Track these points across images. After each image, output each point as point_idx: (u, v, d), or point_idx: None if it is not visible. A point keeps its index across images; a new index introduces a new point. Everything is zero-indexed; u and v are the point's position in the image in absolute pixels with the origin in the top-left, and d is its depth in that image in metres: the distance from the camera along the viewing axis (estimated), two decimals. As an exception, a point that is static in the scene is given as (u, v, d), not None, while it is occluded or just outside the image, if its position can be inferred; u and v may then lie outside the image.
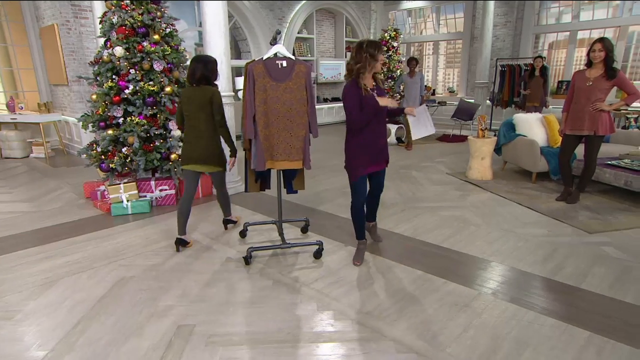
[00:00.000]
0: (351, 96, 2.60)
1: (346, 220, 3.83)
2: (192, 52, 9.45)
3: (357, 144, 2.74)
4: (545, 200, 4.37)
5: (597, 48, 3.79)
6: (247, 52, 9.80)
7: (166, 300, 2.51)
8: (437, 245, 3.26)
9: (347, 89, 2.63)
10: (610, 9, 8.47)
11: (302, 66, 2.67)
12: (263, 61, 2.68)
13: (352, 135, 2.73)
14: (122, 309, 2.41)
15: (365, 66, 2.57)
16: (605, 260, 2.96)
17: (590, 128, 3.97)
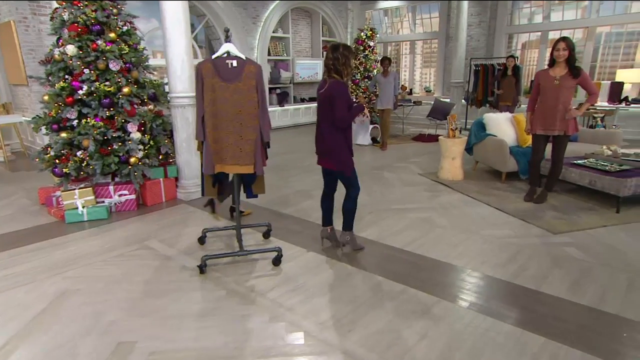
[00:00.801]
0: (345, 95, 2.74)
1: (311, 224, 3.75)
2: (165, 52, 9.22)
3: (347, 141, 2.89)
4: (514, 200, 4.37)
5: (561, 47, 3.79)
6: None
7: (110, 314, 2.37)
8: (401, 249, 3.20)
9: (341, 87, 2.74)
10: (579, 10, 8.61)
11: (252, 66, 2.55)
12: (212, 60, 2.56)
13: (341, 134, 2.83)
14: (58, 327, 2.25)
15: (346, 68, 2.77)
16: (566, 262, 2.95)
17: (561, 128, 3.98)
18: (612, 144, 4.82)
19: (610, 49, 8.48)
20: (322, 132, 2.88)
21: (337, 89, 2.73)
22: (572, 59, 3.84)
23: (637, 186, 3.87)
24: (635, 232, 3.46)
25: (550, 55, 3.93)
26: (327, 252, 3.18)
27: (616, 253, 3.08)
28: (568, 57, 3.83)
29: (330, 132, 2.83)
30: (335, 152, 2.87)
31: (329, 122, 2.81)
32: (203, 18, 9.08)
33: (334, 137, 2.84)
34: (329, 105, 2.76)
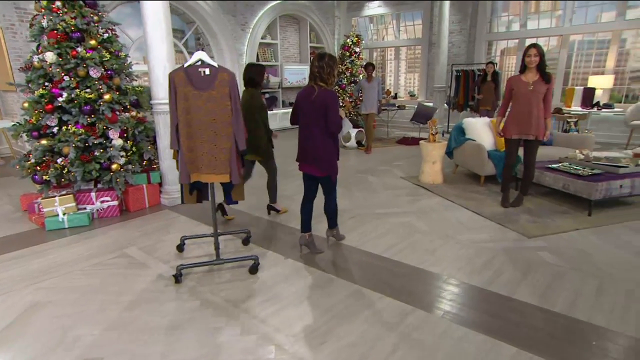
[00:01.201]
0: (337, 103, 2.76)
1: (290, 229, 3.63)
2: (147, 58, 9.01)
3: (336, 146, 2.90)
4: (491, 203, 4.29)
5: (532, 53, 3.73)
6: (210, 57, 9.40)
7: (79, 328, 2.23)
8: (379, 256, 3.09)
9: (334, 96, 2.76)
10: (554, 19, 8.60)
11: (225, 74, 2.42)
12: (184, 69, 2.42)
13: (332, 140, 2.85)
14: (23, 342, 2.11)
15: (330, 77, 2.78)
16: (540, 267, 2.87)
17: (536, 132, 3.92)
18: (584, 148, 4.77)
19: (582, 56, 8.49)
20: (314, 139, 2.82)
21: (332, 98, 2.73)
22: (542, 65, 3.78)
23: (608, 190, 3.82)
24: (605, 235, 3.40)
25: (522, 62, 3.86)
26: (305, 259, 3.06)
27: (587, 257, 3.01)
28: (539, 63, 3.76)
29: (323, 138, 2.81)
30: (326, 157, 2.84)
31: (321, 128, 2.78)
32: (193, 25, 8.89)
33: (326, 142, 2.82)
34: (323, 113, 2.72)
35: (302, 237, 3.16)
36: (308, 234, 3.15)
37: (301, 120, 2.91)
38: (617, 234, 3.44)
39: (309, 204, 3.13)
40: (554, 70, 8.74)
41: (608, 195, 3.84)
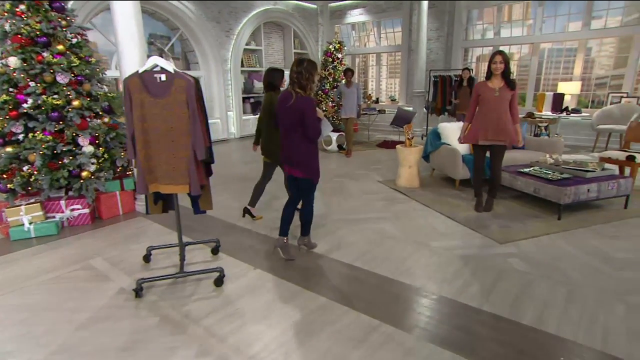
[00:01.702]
0: (315, 110, 2.66)
1: (262, 237, 3.41)
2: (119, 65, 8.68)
3: (317, 150, 2.82)
4: (465, 208, 4.13)
5: (498, 60, 3.58)
6: (195, 63, 9.13)
7: (21, 353, 1.97)
8: (349, 265, 2.89)
9: (312, 103, 2.65)
10: (526, 27, 8.54)
11: (182, 80, 2.19)
12: (139, 74, 2.18)
13: (313, 144, 2.76)
14: (-43, 371, 1.85)
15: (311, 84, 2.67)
16: (510, 274, 2.70)
17: (503, 138, 3.77)
18: (554, 152, 4.66)
19: (552, 63, 8.44)
20: (295, 143, 2.74)
21: (309, 105, 2.63)
22: (507, 72, 3.63)
23: (576, 194, 3.69)
24: (574, 240, 3.26)
25: (488, 68, 3.71)
26: (274, 269, 2.84)
27: (556, 263, 2.86)
28: (504, 70, 3.62)
29: (303, 142, 2.73)
30: (306, 161, 2.78)
31: (300, 133, 2.70)
32: (177, 31, 8.58)
33: (307, 147, 2.75)
34: (300, 119, 2.64)
35: (278, 240, 3.01)
36: (285, 238, 2.99)
37: (280, 125, 2.83)
38: (585, 238, 3.30)
39: (292, 205, 3.02)
40: (525, 77, 8.69)
41: (576, 199, 3.71)
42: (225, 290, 2.56)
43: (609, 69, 7.95)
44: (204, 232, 3.58)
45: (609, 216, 3.80)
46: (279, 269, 2.84)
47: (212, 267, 2.66)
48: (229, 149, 8.29)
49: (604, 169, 4.06)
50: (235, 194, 4.76)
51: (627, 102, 7.17)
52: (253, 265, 2.91)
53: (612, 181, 3.82)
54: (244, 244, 3.29)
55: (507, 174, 4.29)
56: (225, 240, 3.31)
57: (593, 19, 7.58)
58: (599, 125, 7.02)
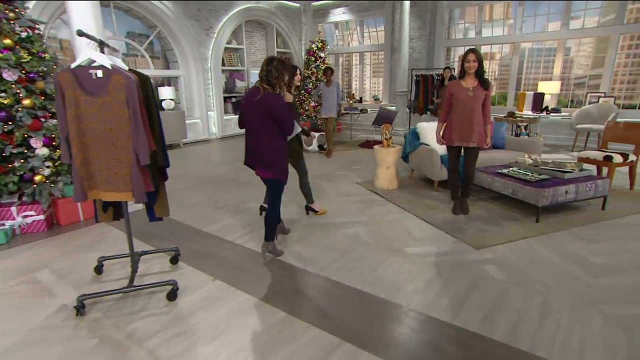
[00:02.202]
0: (285, 105, 2.59)
1: (228, 244, 3.17)
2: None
3: (286, 149, 2.74)
4: (442, 210, 3.96)
5: (471, 58, 3.41)
6: (174, 62, 8.80)
7: None
8: (316, 275, 2.68)
9: (279, 100, 2.56)
10: (507, 27, 8.45)
11: (120, 77, 1.94)
12: (72, 69, 1.93)
13: (282, 143, 2.68)
14: None
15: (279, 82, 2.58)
16: (484, 283, 2.53)
17: (476, 139, 3.61)
18: (533, 153, 4.53)
19: (533, 63, 8.37)
20: (262, 144, 2.63)
21: (275, 101, 2.54)
22: (481, 71, 3.47)
23: (554, 196, 3.55)
24: (551, 244, 3.11)
25: (461, 67, 3.54)
26: (235, 280, 2.61)
27: (533, 269, 2.70)
28: (477, 69, 3.45)
29: (272, 141, 2.63)
30: (277, 161, 2.68)
31: (269, 132, 2.60)
32: (154, 29, 8.24)
33: (276, 146, 2.65)
34: (266, 115, 2.55)
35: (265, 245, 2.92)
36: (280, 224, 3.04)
37: (246, 124, 2.72)
38: (562, 242, 3.16)
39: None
40: (507, 76, 8.61)
41: (554, 201, 3.57)
42: (179, 304, 2.32)
43: (587, 69, 7.92)
44: (167, 239, 3.32)
45: (587, 218, 3.67)
46: (241, 279, 2.62)
47: (165, 280, 2.42)
48: (209, 149, 8.01)
49: (582, 170, 3.93)
50: (208, 197, 4.51)
51: (605, 102, 7.12)
52: (213, 275, 2.67)
53: (590, 182, 3.69)
54: (208, 252, 3.05)
55: (485, 174, 4.14)
56: (189, 247, 3.08)
57: (571, 19, 7.53)
58: (577, 124, 6.96)
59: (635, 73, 7.25)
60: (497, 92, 9.10)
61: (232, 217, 3.84)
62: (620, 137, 4.60)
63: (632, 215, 3.73)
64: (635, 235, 3.25)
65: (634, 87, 7.34)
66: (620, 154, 4.32)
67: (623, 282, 2.51)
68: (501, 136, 5.31)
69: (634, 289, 2.43)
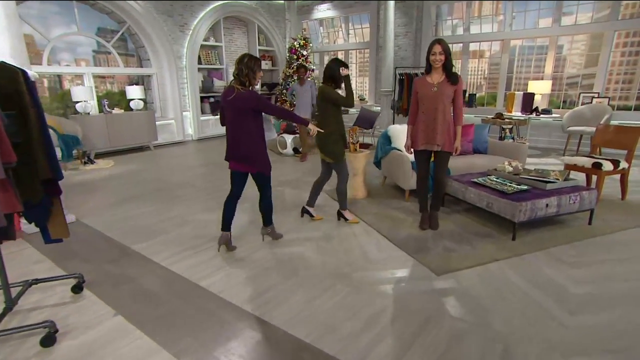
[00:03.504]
0: (261, 98, 2.73)
1: (154, 266, 2.73)
2: (90, 59, 7.92)
3: (265, 144, 2.84)
4: (409, 225, 3.53)
5: (437, 50, 2.98)
6: (147, 59, 8.37)
7: None
8: (238, 308, 2.25)
9: (254, 95, 2.69)
10: (496, 24, 8.02)
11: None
12: None
13: (261, 138, 2.79)
14: None
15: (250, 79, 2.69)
16: (438, 322, 2.09)
17: (442, 142, 3.18)
18: (514, 159, 4.10)
19: (524, 62, 7.95)
20: (240, 138, 2.75)
21: (251, 98, 2.66)
22: (448, 64, 3.04)
23: (533, 210, 3.12)
24: (526, 268, 2.68)
25: (427, 60, 3.11)
26: (140, 315, 2.18)
27: (499, 303, 2.26)
28: (444, 62, 3.02)
29: (250, 137, 2.74)
30: (258, 155, 2.80)
31: (246, 129, 2.72)
32: (123, 24, 7.81)
33: (255, 141, 2.76)
34: (244, 113, 2.68)
35: (223, 236, 2.95)
36: (229, 233, 2.98)
37: (227, 120, 2.82)
38: (539, 265, 2.72)
39: (234, 200, 2.98)
40: (497, 75, 8.18)
41: (533, 216, 3.14)
42: (55, 352, 1.88)
43: (581, 68, 7.49)
44: (86, 259, 2.89)
45: (570, 235, 3.24)
46: (148, 315, 2.18)
47: (40, 322, 1.98)
48: (181, 152, 7.57)
49: (567, 179, 3.50)
50: (157, 207, 4.07)
51: (599, 103, 6.70)
52: (117, 309, 2.24)
53: (574, 194, 3.26)
54: (126, 277, 2.61)
55: (459, 184, 3.71)
56: (106, 270, 2.66)
57: (564, 15, 7.11)
58: (569, 127, 6.54)
59: (631, 72, 6.83)
60: (487, 92, 8.68)
61: (172, 231, 3.41)
62: (611, 142, 4.17)
63: (621, 231, 3.30)
64: (624, 258, 2.82)
65: (630, 87, 6.91)
66: (610, 161, 3.89)
67: (606, 321, 2.08)
68: (484, 140, 4.88)
69: (619, 330, 2.00)
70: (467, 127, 4.79)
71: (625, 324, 2.05)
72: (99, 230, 3.43)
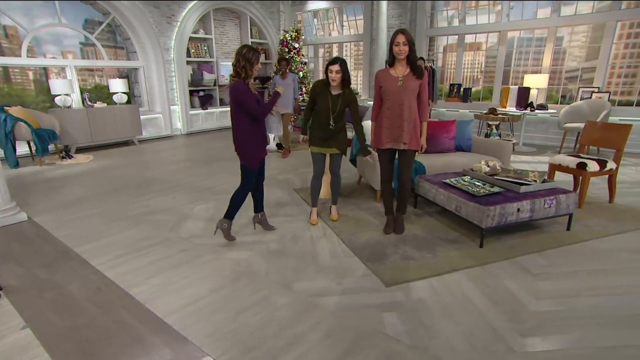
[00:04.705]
0: (246, 93, 2.69)
1: (90, 272, 2.56)
2: (77, 52, 7.79)
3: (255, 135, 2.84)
4: (374, 228, 3.31)
5: (401, 41, 2.73)
6: (133, 52, 8.21)
7: None
8: (161, 320, 2.06)
9: (240, 88, 2.67)
10: (494, 14, 7.64)
11: None
12: None
13: (248, 129, 2.79)
14: None
15: (246, 71, 2.67)
16: (370, 344, 1.88)
17: (408, 140, 2.94)
18: (493, 159, 3.82)
19: (522, 54, 7.56)
20: (233, 129, 2.83)
21: (234, 90, 2.68)
22: (413, 55, 2.79)
23: (502, 215, 2.86)
24: (487, 279, 2.44)
25: (390, 51, 2.86)
26: (48, 328, 2.01)
27: (444, 322, 2.04)
28: (409, 54, 2.77)
29: (237, 129, 2.81)
30: (241, 146, 2.84)
31: (235, 120, 2.78)
32: (108, 16, 7.64)
33: (242, 132, 2.81)
34: (234, 104, 2.73)
35: (254, 217, 3.24)
36: (260, 214, 3.22)
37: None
38: (502, 276, 2.48)
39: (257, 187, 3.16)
40: (494, 68, 7.82)
41: (503, 221, 2.88)
42: (-59, 371, 1.73)
43: (581, 61, 7.10)
44: (20, 262, 2.73)
45: (545, 242, 2.98)
46: (55, 326, 2.01)
47: None
48: (166, 146, 7.43)
49: (545, 181, 3.23)
50: (117, 205, 3.91)
51: (598, 98, 6.34)
52: (29, 320, 2.08)
53: (550, 198, 2.99)
54: (53, 283, 2.45)
55: (430, 184, 3.46)
56: (35, 275, 2.51)
57: (563, 4, 6.71)
58: (565, 123, 6.20)
59: (634, 65, 6.43)
60: (484, 87, 8.33)
61: (122, 232, 3.25)
62: (598, 140, 3.87)
63: (602, 238, 3.03)
64: (599, 269, 2.56)
65: (633, 82, 6.51)
66: (596, 161, 3.60)
67: (559, 345, 1.84)
68: (467, 137, 4.59)
69: (572, 356, 1.76)
70: (449, 124, 4.52)
71: (581, 349, 1.81)
72: (47, 230, 3.28)
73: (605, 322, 2.00)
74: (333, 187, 3.48)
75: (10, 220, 3.38)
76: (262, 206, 3.28)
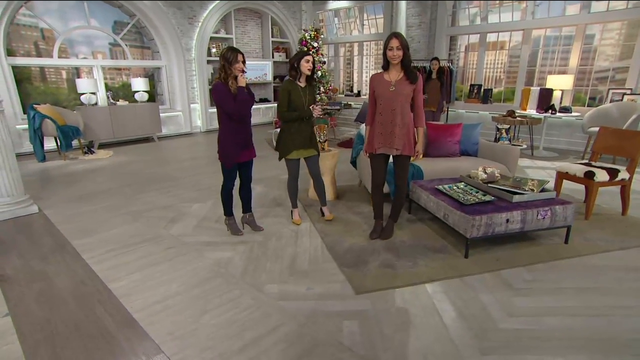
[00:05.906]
0: (221, 92, 2.75)
1: (79, 265, 2.71)
2: (107, 52, 8.24)
3: (232, 134, 2.90)
4: (361, 232, 3.27)
5: (394, 45, 2.68)
6: (157, 52, 8.55)
7: None
8: (129, 316, 2.16)
9: (216, 88, 2.75)
10: (519, 12, 7.27)
11: None
12: None
13: (226, 128, 2.88)
14: None
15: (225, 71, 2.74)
16: (322, 353, 1.86)
17: (401, 145, 2.89)
18: (492, 166, 3.67)
19: (549, 54, 7.15)
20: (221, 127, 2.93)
21: (214, 92, 2.76)
22: (407, 60, 2.72)
23: (489, 225, 2.74)
24: (461, 292, 2.36)
25: (384, 56, 2.80)
26: (25, 317, 2.16)
27: (402, 335, 1.99)
28: (403, 58, 2.71)
29: (219, 126, 2.92)
30: (219, 144, 2.95)
31: (218, 118, 2.89)
32: (133, 17, 8.00)
33: (221, 130, 2.93)
34: (216, 105, 2.82)
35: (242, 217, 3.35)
36: (248, 215, 3.32)
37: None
38: (480, 289, 2.39)
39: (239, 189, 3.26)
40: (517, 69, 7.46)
41: (490, 232, 2.77)
42: None
43: (614, 60, 6.61)
44: (19, 253, 2.94)
45: (537, 255, 2.83)
46: (33, 315, 2.15)
47: None
48: (184, 143, 7.70)
49: (544, 190, 3.06)
50: (123, 200, 4.12)
51: (630, 100, 5.89)
52: (12, 309, 2.24)
53: (544, 209, 2.83)
54: (44, 274, 2.62)
55: (422, 190, 3.38)
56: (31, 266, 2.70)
57: (594, 0, 6.27)
58: (590, 127, 5.81)
59: (673, 65, 5.91)
60: (506, 88, 7.97)
61: (119, 227, 3.41)
62: (612, 148, 3.60)
63: (601, 254, 2.83)
64: (587, 287, 2.40)
65: (670, 83, 5.99)
66: (606, 170, 3.36)
67: (520, 368, 1.75)
68: (474, 141, 4.43)
69: (529, 382, 1.67)
70: (454, 127, 4.38)
71: (542, 375, 1.71)
72: (53, 223, 3.51)
73: (577, 345, 1.88)
74: (318, 190, 3.47)
75: (21, 212, 3.64)
76: (250, 207, 3.33)
